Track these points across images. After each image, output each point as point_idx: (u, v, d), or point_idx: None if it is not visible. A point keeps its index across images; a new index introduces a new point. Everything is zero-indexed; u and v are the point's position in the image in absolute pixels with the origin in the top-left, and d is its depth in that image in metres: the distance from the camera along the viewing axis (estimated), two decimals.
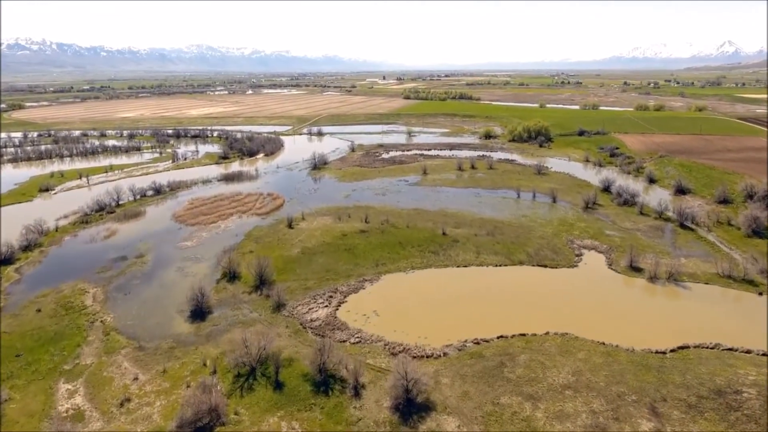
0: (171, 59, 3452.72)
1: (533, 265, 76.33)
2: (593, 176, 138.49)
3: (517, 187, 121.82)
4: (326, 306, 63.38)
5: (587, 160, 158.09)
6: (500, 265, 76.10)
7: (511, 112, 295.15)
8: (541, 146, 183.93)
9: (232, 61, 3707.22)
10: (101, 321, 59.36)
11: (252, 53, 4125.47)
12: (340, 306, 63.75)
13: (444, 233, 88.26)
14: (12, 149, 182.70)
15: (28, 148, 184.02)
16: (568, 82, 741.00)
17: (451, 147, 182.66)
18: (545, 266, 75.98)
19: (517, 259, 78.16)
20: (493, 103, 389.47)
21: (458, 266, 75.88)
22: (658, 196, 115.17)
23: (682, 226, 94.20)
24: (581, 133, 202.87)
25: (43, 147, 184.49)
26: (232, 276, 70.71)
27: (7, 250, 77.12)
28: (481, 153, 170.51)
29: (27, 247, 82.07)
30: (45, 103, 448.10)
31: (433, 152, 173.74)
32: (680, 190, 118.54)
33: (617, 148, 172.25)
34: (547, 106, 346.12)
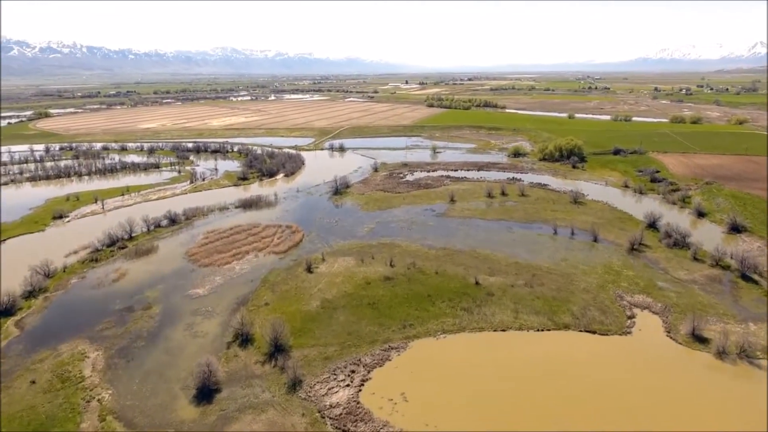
0: (196, 62, 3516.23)
1: (580, 330, 67.53)
2: (634, 205, 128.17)
3: (553, 220, 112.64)
4: (348, 385, 56.00)
5: (626, 186, 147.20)
6: (542, 330, 67.56)
7: (539, 124, 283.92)
8: (574, 167, 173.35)
9: (255, 63, 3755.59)
10: (98, 400, 53.22)
11: (275, 55, 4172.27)
12: (363, 384, 56.31)
13: (477, 283, 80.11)
14: (33, 165, 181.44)
15: (48, 164, 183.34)
16: (596, 87, 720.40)
17: (479, 167, 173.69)
18: (594, 332, 67.09)
19: (561, 321, 69.43)
20: (519, 112, 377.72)
21: (495, 330, 67.61)
22: (709, 234, 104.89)
23: (744, 277, 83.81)
24: (617, 152, 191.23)
25: (63, 163, 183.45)
26: (244, 339, 64.04)
27: (8, 300, 72.17)
28: (510, 175, 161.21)
29: (31, 293, 77.20)
30: (71, 109, 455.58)
31: (459, 173, 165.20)
32: (735, 228, 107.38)
33: (658, 172, 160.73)
34: (576, 116, 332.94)
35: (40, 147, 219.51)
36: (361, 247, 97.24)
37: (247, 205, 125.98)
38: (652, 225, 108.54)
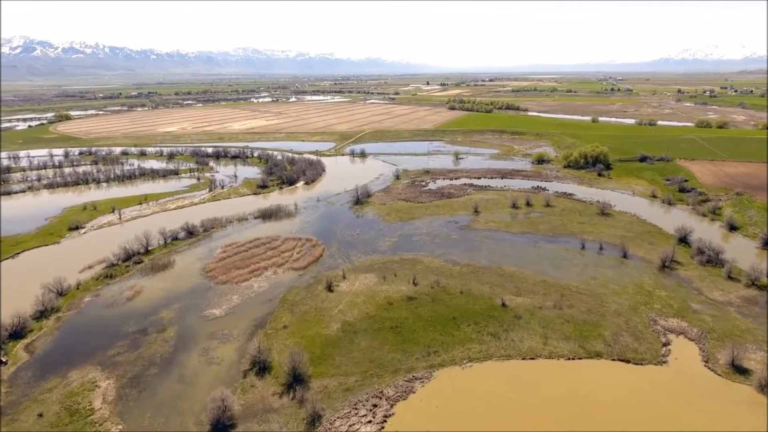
0: (218, 62, 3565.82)
1: (613, 359, 63.10)
2: (663, 217, 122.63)
3: (580, 233, 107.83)
4: (370, 421, 52.68)
5: (654, 196, 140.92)
6: (573, 358, 63.25)
7: (563, 129, 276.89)
8: (599, 175, 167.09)
9: (277, 63, 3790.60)
10: None
11: (297, 56, 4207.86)
12: (386, 420, 52.92)
13: (503, 304, 76.04)
14: (51, 171, 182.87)
15: (67, 170, 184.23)
16: (618, 89, 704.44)
17: (502, 174, 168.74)
18: (628, 361, 62.64)
19: (593, 348, 64.96)
20: (542, 115, 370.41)
21: (523, 357, 63.56)
22: (743, 250, 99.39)
23: None
24: (643, 159, 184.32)
25: (81, 169, 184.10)
26: (261, 367, 61.20)
27: (18, 322, 70.31)
28: (535, 183, 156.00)
29: (42, 313, 75.40)
30: (92, 111, 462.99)
31: (482, 181, 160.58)
32: None
33: (686, 181, 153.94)
34: (599, 119, 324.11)
35: (59, 151, 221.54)
36: (383, 263, 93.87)
37: (267, 215, 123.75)
38: (683, 240, 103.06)
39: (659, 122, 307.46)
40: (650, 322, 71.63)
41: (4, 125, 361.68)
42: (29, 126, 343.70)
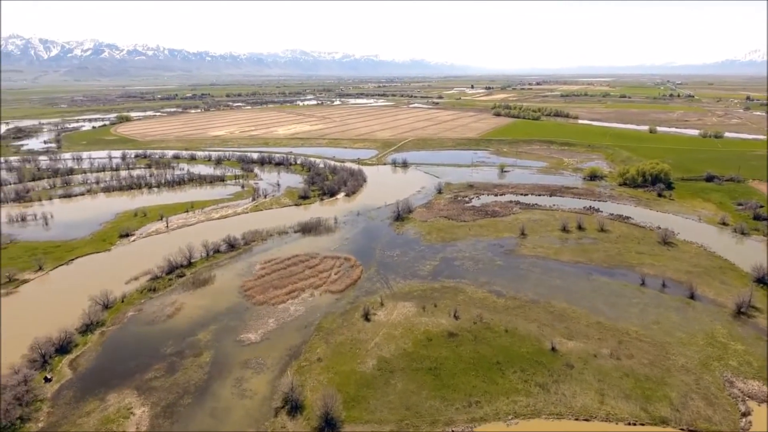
0: (267, 64, 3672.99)
1: (681, 429, 56.11)
2: (735, 249, 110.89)
3: (639, 266, 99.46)
4: None
5: (724, 223, 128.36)
6: (635, 423, 56.83)
7: (617, 140, 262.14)
8: (660, 195, 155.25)
9: (323, 65, 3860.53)
10: None
11: (342, 57, 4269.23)
12: None
13: (553, 348, 70.29)
14: (108, 174, 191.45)
15: (123, 173, 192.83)
16: (678, 95, 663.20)
17: (551, 191, 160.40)
18: None
19: (658, 413, 58.18)
20: (594, 123, 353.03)
21: (576, 417, 57.78)
22: None
23: None
24: (710, 179, 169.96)
25: (136, 172, 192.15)
26: (293, 406, 58.91)
27: (65, 336, 72.07)
28: (587, 203, 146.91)
29: (88, 328, 77.18)
30: (150, 112, 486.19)
31: (529, 198, 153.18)
32: None
33: (761, 206, 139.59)
34: (658, 129, 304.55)
35: (117, 153, 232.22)
36: (422, 290, 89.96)
37: (307, 229, 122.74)
38: (761, 280, 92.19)
39: (726, 134, 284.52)
40: (725, 383, 63.58)
41: (73, 125, 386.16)
42: (93, 127, 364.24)
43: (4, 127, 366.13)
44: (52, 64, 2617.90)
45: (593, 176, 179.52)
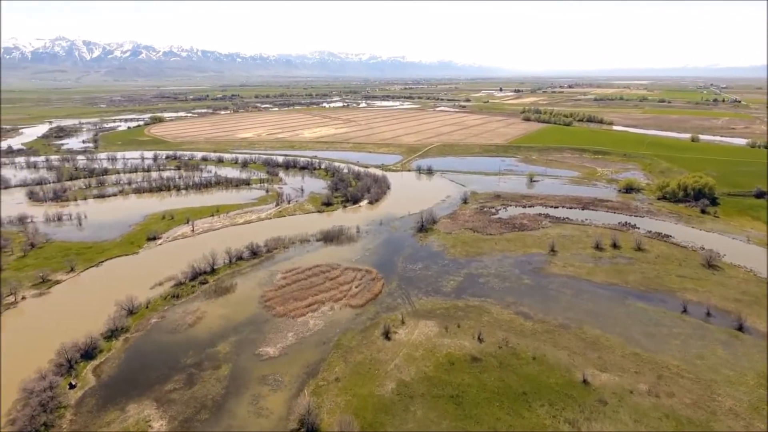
0: (295, 65, 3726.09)
1: None
2: None
3: (681, 291, 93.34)
4: None
5: None
6: None
7: (655, 149, 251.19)
8: (703, 212, 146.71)
9: (350, 66, 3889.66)
10: None
11: (369, 59, 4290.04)
12: None
13: (585, 380, 65.95)
14: (140, 175, 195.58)
15: (154, 174, 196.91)
16: (722, 100, 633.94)
17: (583, 204, 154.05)
18: None
19: None
20: (630, 130, 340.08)
21: None
22: None
23: None
24: (760, 195, 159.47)
25: (166, 174, 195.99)
26: (309, 429, 56.83)
27: (90, 342, 72.73)
28: (623, 218, 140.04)
29: (113, 333, 77.74)
30: (182, 113, 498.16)
31: (560, 211, 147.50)
32: None
33: None
34: (700, 138, 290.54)
35: (149, 154, 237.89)
36: (445, 308, 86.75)
37: (329, 238, 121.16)
38: None
39: None
40: None
41: (110, 125, 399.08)
42: (128, 127, 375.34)
43: (47, 126, 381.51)
44: (93, 65, 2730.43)
45: (629, 188, 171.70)
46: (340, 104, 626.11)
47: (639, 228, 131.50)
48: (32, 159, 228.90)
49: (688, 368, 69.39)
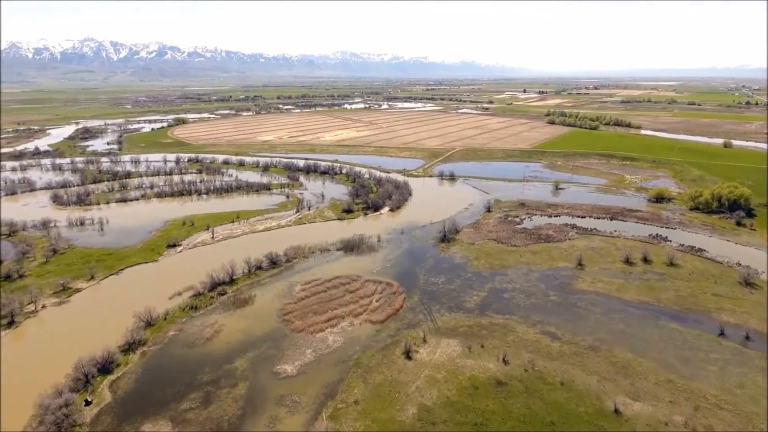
0: (317, 65, 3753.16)
1: None
2: None
3: (717, 311, 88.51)
4: None
5: None
6: None
7: (686, 154, 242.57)
8: (738, 224, 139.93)
9: (372, 66, 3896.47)
10: None
11: (391, 59, 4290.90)
12: None
13: (616, 410, 62.44)
14: (162, 179, 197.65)
15: (176, 177, 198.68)
16: (756, 102, 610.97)
17: (611, 214, 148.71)
18: None
19: None
20: (659, 135, 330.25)
21: None
22: None
23: None
24: None
25: (187, 177, 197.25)
26: None
27: (107, 356, 72.22)
28: (654, 230, 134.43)
29: (130, 347, 77.26)
30: (205, 114, 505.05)
31: (587, 221, 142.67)
32: None
33: None
34: (733, 144, 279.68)
35: (172, 157, 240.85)
36: (468, 326, 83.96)
37: (349, 247, 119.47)
38: None
39: None
40: None
41: (134, 126, 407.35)
42: (152, 129, 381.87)
43: (74, 127, 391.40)
44: (120, 65, 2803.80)
45: (660, 198, 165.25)
46: (361, 106, 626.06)
47: (671, 241, 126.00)
48: (57, 161, 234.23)
49: (726, 398, 65.13)
